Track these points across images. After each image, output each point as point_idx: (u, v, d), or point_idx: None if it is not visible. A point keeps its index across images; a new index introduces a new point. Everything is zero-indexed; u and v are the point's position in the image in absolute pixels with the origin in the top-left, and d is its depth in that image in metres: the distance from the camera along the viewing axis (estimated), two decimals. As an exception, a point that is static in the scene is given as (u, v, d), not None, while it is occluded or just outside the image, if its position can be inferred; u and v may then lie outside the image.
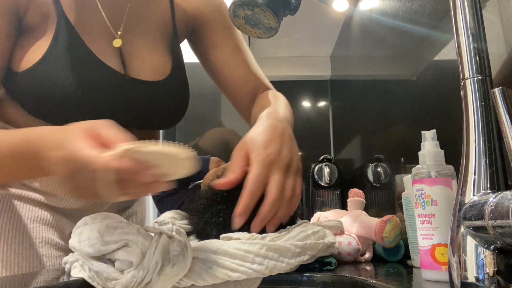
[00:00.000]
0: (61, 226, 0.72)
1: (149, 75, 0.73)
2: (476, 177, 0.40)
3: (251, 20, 0.74)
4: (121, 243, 0.48)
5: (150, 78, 0.73)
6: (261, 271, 0.48)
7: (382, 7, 1.13)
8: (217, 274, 0.47)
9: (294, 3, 0.73)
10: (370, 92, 1.32)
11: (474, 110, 0.42)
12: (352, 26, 1.54)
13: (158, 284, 0.45)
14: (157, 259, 0.46)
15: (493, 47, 0.53)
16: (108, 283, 0.46)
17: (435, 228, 0.48)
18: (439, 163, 0.50)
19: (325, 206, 1.57)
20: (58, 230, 0.72)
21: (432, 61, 0.79)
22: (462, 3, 0.44)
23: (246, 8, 0.71)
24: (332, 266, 0.56)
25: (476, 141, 0.41)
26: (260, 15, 0.71)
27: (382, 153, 1.15)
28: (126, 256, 0.46)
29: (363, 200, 0.84)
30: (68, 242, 0.52)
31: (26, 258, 0.67)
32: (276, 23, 0.72)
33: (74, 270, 0.50)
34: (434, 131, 0.52)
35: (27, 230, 0.68)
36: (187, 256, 0.48)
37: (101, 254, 0.48)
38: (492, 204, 0.36)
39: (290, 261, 0.50)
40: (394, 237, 0.68)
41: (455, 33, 0.44)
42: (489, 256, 0.38)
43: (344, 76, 1.77)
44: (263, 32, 0.76)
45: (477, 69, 0.42)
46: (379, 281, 0.47)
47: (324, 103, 2.03)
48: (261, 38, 0.79)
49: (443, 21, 0.73)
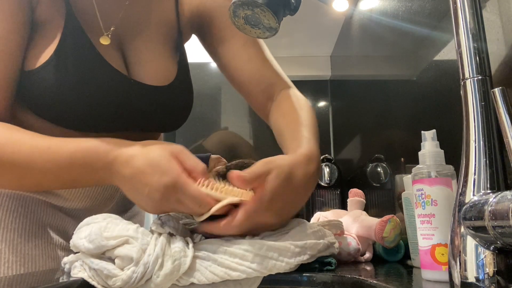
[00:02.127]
0: (65, 227, 0.72)
1: (154, 80, 0.72)
2: (476, 177, 0.40)
3: (251, 20, 0.74)
4: (121, 240, 0.48)
5: (155, 83, 0.72)
6: (260, 270, 0.48)
7: (382, 7, 1.13)
8: (216, 273, 0.47)
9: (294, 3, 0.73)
10: (370, 92, 1.32)
11: (474, 110, 0.42)
12: (352, 26, 1.54)
13: (158, 280, 0.45)
14: (158, 254, 0.46)
15: (493, 47, 0.53)
16: (108, 281, 0.46)
17: (435, 228, 0.48)
18: (439, 163, 0.50)
19: (325, 206, 1.57)
20: (63, 231, 0.72)
21: (432, 61, 0.79)
22: (462, 3, 0.44)
23: (246, 8, 0.71)
24: (332, 266, 0.56)
25: (476, 141, 0.41)
26: (260, 15, 0.71)
27: (382, 153, 1.15)
28: (126, 252, 0.47)
29: (363, 200, 0.84)
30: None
31: (32, 258, 0.67)
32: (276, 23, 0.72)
33: (74, 270, 0.50)
34: (434, 131, 0.52)
35: (33, 231, 0.68)
36: (188, 253, 0.48)
37: (101, 250, 0.49)
38: (492, 204, 0.36)
39: (289, 260, 0.50)
40: (394, 237, 0.68)
41: (455, 33, 0.44)
42: (489, 256, 0.38)
43: (344, 76, 1.77)
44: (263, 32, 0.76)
45: (477, 69, 0.42)
46: (379, 281, 0.47)
47: (324, 103, 2.03)
48: (261, 38, 0.78)
49: (443, 21, 0.73)
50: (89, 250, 0.49)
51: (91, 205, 0.74)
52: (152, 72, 0.73)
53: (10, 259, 0.65)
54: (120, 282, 0.45)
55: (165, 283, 0.46)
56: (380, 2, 1.16)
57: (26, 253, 0.66)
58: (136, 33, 0.74)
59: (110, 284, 0.46)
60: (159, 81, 0.73)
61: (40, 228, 0.69)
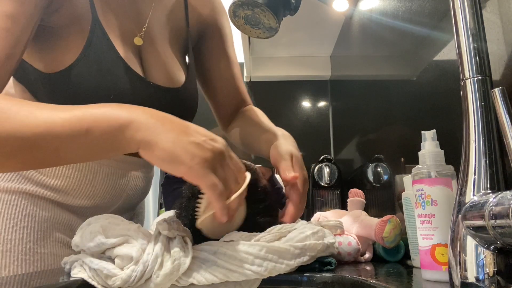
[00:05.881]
0: (72, 225, 0.73)
1: (168, 82, 0.76)
2: (476, 177, 0.40)
3: (251, 20, 0.74)
4: (122, 239, 0.48)
5: (169, 85, 0.76)
6: (260, 272, 0.48)
7: (382, 7, 1.13)
8: (216, 274, 0.47)
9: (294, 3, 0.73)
10: (370, 92, 1.32)
11: (474, 110, 0.42)
12: (352, 26, 1.54)
13: (158, 280, 0.45)
14: (157, 254, 0.46)
15: (493, 47, 0.53)
16: (108, 280, 0.46)
17: (435, 228, 0.48)
18: (439, 163, 0.50)
19: (325, 206, 1.57)
20: (70, 229, 0.73)
21: (432, 61, 0.79)
22: (462, 3, 0.44)
23: (246, 8, 0.71)
24: (332, 266, 0.56)
25: (476, 141, 0.41)
26: (260, 15, 0.71)
27: (382, 153, 1.15)
28: (126, 252, 0.47)
29: (363, 200, 0.84)
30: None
31: (41, 257, 0.67)
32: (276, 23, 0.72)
33: (74, 270, 0.50)
34: (434, 131, 0.52)
35: (41, 229, 0.69)
36: (187, 253, 0.48)
37: (101, 248, 0.49)
38: (492, 204, 0.36)
39: (289, 262, 0.51)
40: (394, 237, 0.68)
41: (455, 33, 0.44)
42: (489, 256, 0.38)
43: (344, 76, 1.77)
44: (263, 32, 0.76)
45: (477, 69, 0.42)
46: (379, 281, 0.47)
47: (324, 103, 2.03)
48: (261, 38, 0.79)
49: (443, 21, 0.73)
50: (90, 249, 0.49)
51: (99, 202, 0.75)
52: (166, 74, 0.77)
53: (19, 257, 0.65)
54: (120, 282, 0.45)
55: (165, 283, 0.46)
56: (380, 2, 1.16)
57: (35, 251, 0.67)
58: (154, 36, 0.77)
59: (110, 283, 0.46)
60: (173, 83, 0.77)
61: (48, 227, 0.69)
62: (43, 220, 0.69)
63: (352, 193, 0.85)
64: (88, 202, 0.73)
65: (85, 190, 0.72)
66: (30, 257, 0.66)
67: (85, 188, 0.72)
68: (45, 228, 0.69)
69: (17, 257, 0.65)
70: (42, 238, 0.68)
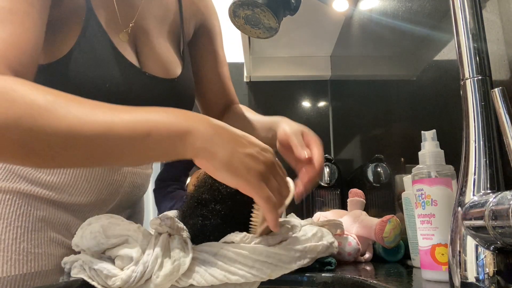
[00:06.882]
0: (68, 225, 0.73)
1: (164, 73, 0.77)
2: (476, 177, 0.40)
3: (251, 20, 0.74)
4: (122, 239, 0.48)
5: (165, 76, 0.77)
6: (260, 275, 0.48)
7: (382, 7, 1.13)
8: (216, 276, 0.47)
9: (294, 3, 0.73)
10: (370, 92, 1.32)
11: (474, 110, 0.42)
12: (352, 26, 1.54)
13: (158, 281, 0.45)
14: (157, 254, 0.46)
15: (493, 47, 0.53)
16: (108, 281, 0.46)
17: (435, 228, 0.48)
18: (439, 163, 0.50)
19: (325, 206, 1.57)
20: (66, 229, 0.73)
21: (432, 61, 0.78)
22: (462, 3, 0.44)
23: (246, 8, 0.71)
24: (332, 266, 0.56)
25: (476, 141, 0.41)
26: (260, 15, 0.71)
27: (382, 153, 1.15)
28: (126, 252, 0.47)
29: (363, 200, 0.84)
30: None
31: (35, 257, 0.67)
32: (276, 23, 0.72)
33: (74, 270, 0.50)
34: (434, 131, 0.52)
35: (35, 229, 0.68)
36: (187, 253, 0.48)
37: (101, 248, 0.49)
38: (492, 204, 0.36)
39: (289, 266, 0.51)
40: (394, 237, 0.68)
41: (455, 33, 0.44)
42: (489, 256, 0.38)
43: (344, 76, 1.77)
44: (263, 32, 0.76)
45: (477, 69, 0.42)
46: (379, 281, 0.47)
47: (324, 103, 2.02)
48: (261, 38, 0.79)
49: (443, 21, 0.73)
50: (90, 249, 0.49)
51: (96, 199, 0.74)
52: (162, 66, 0.77)
53: (12, 257, 0.65)
54: (120, 282, 0.45)
55: (165, 283, 0.46)
56: (380, 2, 1.16)
57: (29, 251, 0.66)
58: (149, 29, 0.78)
59: (110, 284, 0.46)
60: (169, 75, 0.78)
61: (43, 226, 0.69)
62: (38, 219, 0.68)
63: (352, 193, 0.84)
64: (84, 199, 0.73)
65: (81, 186, 0.72)
66: (24, 257, 0.66)
67: (81, 184, 0.72)
68: (40, 228, 0.68)
69: (10, 257, 0.65)
70: (36, 238, 0.68)
